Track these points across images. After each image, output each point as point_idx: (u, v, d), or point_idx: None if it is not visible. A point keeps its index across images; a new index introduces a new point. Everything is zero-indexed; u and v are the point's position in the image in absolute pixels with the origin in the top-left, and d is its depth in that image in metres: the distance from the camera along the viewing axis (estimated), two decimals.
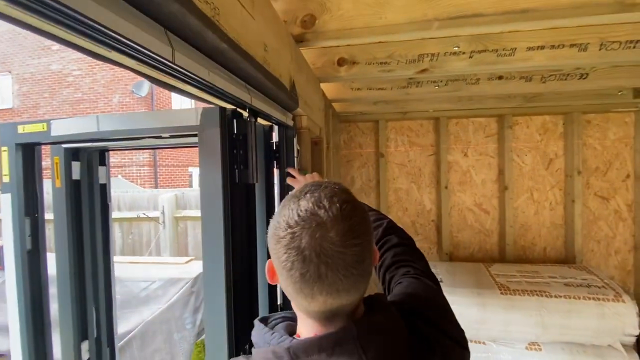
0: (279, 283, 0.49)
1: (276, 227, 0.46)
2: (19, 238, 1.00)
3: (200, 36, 0.53)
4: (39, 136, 0.98)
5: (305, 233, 0.43)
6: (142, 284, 2.02)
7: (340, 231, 0.44)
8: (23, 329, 1.03)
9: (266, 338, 0.50)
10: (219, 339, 0.84)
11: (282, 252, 0.44)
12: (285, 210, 0.46)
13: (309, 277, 0.43)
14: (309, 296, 0.44)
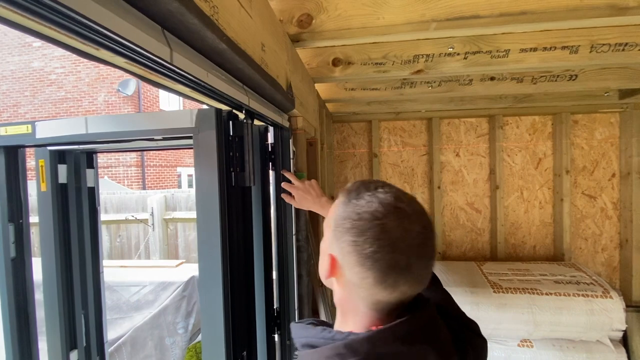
0: (336, 277, 0.51)
1: (356, 219, 0.48)
2: (2, 245, 0.95)
3: (199, 36, 0.51)
4: (23, 138, 0.93)
5: (395, 224, 0.46)
6: (132, 288, 1.96)
7: (424, 224, 0.48)
8: (8, 340, 0.98)
9: (326, 335, 0.50)
10: (217, 343, 0.82)
11: (369, 243, 0.46)
12: (362, 202, 0.48)
13: (397, 267, 0.46)
14: (392, 286, 0.46)
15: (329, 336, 0.49)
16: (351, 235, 0.48)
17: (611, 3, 0.86)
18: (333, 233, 0.52)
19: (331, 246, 0.52)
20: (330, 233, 0.53)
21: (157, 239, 3.38)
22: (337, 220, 0.51)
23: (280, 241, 1.20)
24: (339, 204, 0.53)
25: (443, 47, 1.33)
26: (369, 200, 0.49)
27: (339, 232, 0.50)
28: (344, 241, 0.49)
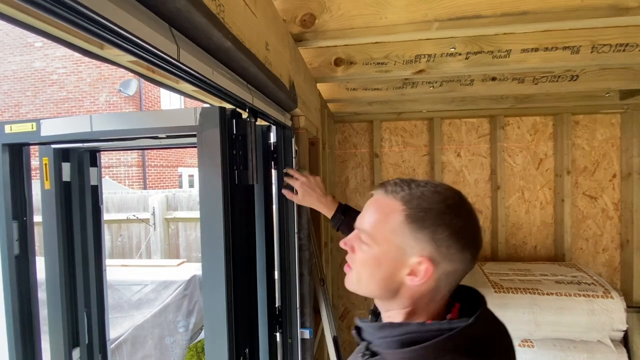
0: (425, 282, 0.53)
1: (461, 235, 0.52)
2: (6, 243, 0.96)
3: (206, 34, 0.51)
4: (28, 136, 0.94)
5: (468, 208, 0.55)
6: (134, 287, 1.97)
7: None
8: (11, 337, 0.99)
9: (431, 327, 0.50)
10: (219, 341, 0.82)
11: (465, 226, 0.53)
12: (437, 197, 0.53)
13: (480, 243, 0.56)
14: (475, 260, 0.55)
15: (434, 328, 0.49)
16: (452, 228, 0.51)
17: (612, 3, 0.86)
18: (409, 235, 0.52)
19: (405, 250, 0.52)
20: (395, 237, 0.53)
21: (159, 239, 3.39)
22: (414, 222, 0.52)
23: (282, 240, 1.20)
24: (399, 207, 0.53)
25: (445, 47, 1.34)
26: (435, 190, 0.54)
27: (427, 232, 0.51)
28: (440, 238, 0.51)
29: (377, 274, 0.55)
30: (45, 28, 0.81)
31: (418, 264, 0.52)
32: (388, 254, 0.54)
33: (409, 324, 0.52)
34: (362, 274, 0.58)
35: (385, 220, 0.54)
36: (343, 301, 2.50)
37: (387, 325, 0.54)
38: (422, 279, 0.52)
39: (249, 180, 0.88)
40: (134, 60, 1.15)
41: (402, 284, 0.54)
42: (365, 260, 0.57)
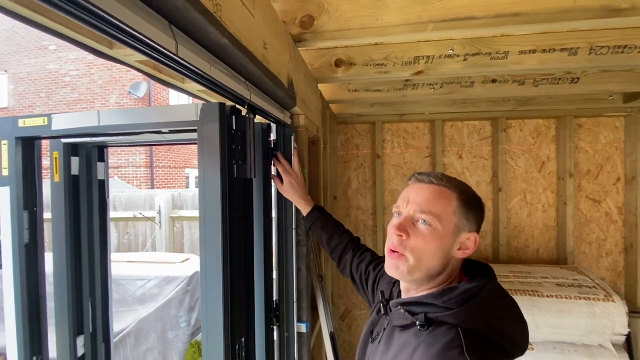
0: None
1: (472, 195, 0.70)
2: (17, 231, 1.01)
3: (203, 31, 0.55)
4: (39, 130, 0.99)
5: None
6: (138, 282, 2.01)
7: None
8: (19, 322, 1.03)
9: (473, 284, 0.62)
10: (216, 329, 0.85)
11: (482, 207, 0.70)
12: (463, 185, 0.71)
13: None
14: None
15: (476, 285, 0.62)
16: (480, 209, 0.69)
17: (604, 4, 0.88)
18: (463, 215, 0.66)
19: (464, 228, 0.66)
20: (454, 217, 0.65)
21: (164, 237, 3.45)
22: (466, 205, 0.66)
23: (280, 235, 1.23)
24: (454, 195, 0.67)
25: (443, 48, 1.36)
26: (465, 183, 0.71)
27: (473, 212, 0.67)
28: (479, 217, 0.68)
29: (440, 250, 0.65)
30: (59, 29, 0.87)
31: (467, 239, 0.65)
32: (449, 231, 0.65)
33: (459, 285, 0.63)
34: (423, 254, 0.66)
35: (448, 204, 0.66)
36: (344, 301, 2.51)
37: (446, 290, 0.62)
38: (472, 249, 0.65)
39: (247, 173, 0.92)
40: (141, 59, 1.21)
41: (450, 259, 0.66)
42: (428, 240, 0.65)
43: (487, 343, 0.58)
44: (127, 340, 1.91)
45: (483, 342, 0.58)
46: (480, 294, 0.60)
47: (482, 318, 0.59)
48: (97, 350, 1.23)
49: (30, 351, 1.04)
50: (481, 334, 0.58)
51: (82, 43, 0.98)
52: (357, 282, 1.06)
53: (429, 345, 0.58)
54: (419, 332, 0.62)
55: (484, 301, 0.60)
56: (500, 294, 0.65)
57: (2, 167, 1.00)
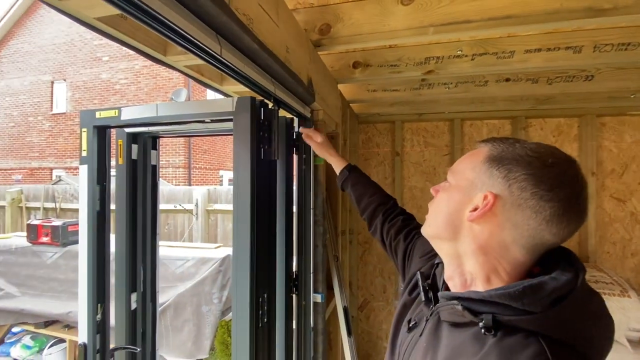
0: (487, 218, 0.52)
1: (534, 155, 0.51)
2: (92, 201, 1.27)
3: (239, 38, 0.74)
4: (111, 120, 1.25)
5: (571, 167, 0.52)
6: (178, 262, 2.28)
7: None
8: (90, 276, 1.28)
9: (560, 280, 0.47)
10: (243, 282, 1.03)
11: (553, 177, 0.49)
12: (532, 145, 0.53)
13: (577, 204, 0.50)
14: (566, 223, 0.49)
15: (564, 280, 0.47)
16: (530, 169, 0.49)
17: (588, 6, 0.98)
18: (482, 170, 0.53)
19: (480, 185, 0.53)
20: (469, 171, 0.55)
21: (200, 228, 3.77)
22: (499, 159, 0.52)
23: (300, 213, 1.41)
24: (484, 149, 0.55)
25: (452, 50, 1.49)
26: (539, 144, 0.52)
27: (502, 170, 0.51)
28: (516, 177, 0.49)
29: (447, 207, 0.57)
30: (125, 39, 1.11)
31: (483, 198, 0.51)
32: (460, 187, 0.56)
33: (544, 281, 0.47)
34: (435, 209, 0.60)
35: (470, 160, 0.57)
36: (362, 292, 2.63)
37: (527, 290, 0.47)
38: (481, 211, 0.51)
39: (272, 155, 1.11)
40: (188, 65, 1.45)
41: (463, 222, 0.54)
42: (440, 196, 0.59)
43: (570, 355, 0.45)
44: (167, 312, 2.16)
45: (569, 357, 0.45)
46: (571, 294, 0.46)
47: (570, 324, 0.46)
48: (146, 307, 1.47)
49: (97, 299, 1.29)
50: (565, 342, 0.45)
51: (142, 51, 1.22)
52: (387, 247, 1.00)
53: (504, 358, 0.45)
54: (482, 336, 0.49)
55: (575, 303, 0.46)
56: (590, 292, 0.49)
57: (82, 149, 1.27)
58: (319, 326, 1.44)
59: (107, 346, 1.31)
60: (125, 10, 0.55)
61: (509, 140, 0.55)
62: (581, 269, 0.49)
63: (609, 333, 0.49)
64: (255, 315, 1.03)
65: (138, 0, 0.53)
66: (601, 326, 0.49)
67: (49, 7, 0.89)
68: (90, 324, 1.26)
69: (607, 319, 0.49)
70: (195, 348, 2.11)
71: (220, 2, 0.65)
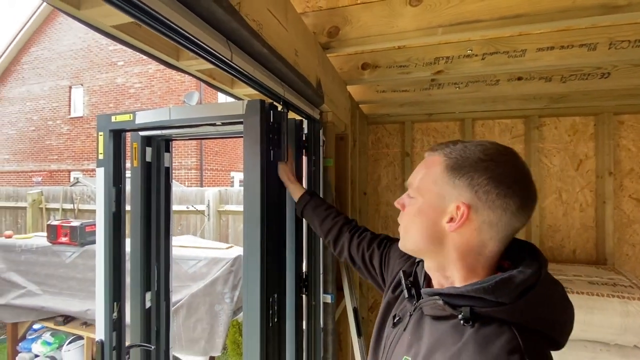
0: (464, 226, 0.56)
1: (486, 159, 0.56)
2: (108, 202, 1.31)
3: (249, 44, 0.76)
4: (126, 124, 1.28)
5: (517, 160, 0.58)
6: (190, 262, 2.32)
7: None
8: (107, 274, 1.32)
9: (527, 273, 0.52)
10: (254, 284, 1.04)
11: (508, 174, 0.55)
12: (480, 147, 0.57)
13: (531, 192, 0.57)
14: (528, 210, 0.56)
15: (529, 273, 0.52)
16: (489, 172, 0.54)
17: (602, 3, 0.96)
18: (448, 182, 0.56)
19: (445, 197, 0.56)
20: (435, 186, 0.58)
21: (212, 228, 3.82)
22: (453, 169, 0.56)
23: None
24: (440, 160, 0.59)
25: (462, 49, 1.48)
26: (475, 144, 0.57)
27: (464, 177, 0.55)
28: (478, 183, 0.54)
29: (421, 225, 0.59)
30: (142, 46, 1.14)
31: (456, 209, 0.55)
32: (430, 202, 0.58)
33: (513, 275, 0.52)
34: (409, 226, 0.62)
35: (428, 173, 0.60)
36: (373, 293, 2.62)
37: (499, 284, 0.52)
38: (459, 222, 0.55)
39: (281, 157, 1.12)
40: (200, 69, 1.48)
41: (444, 233, 0.57)
42: (411, 213, 0.61)
43: (539, 338, 0.51)
44: (180, 311, 2.21)
45: (538, 340, 0.51)
46: (537, 285, 0.52)
47: (537, 312, 0.52)
48: (160, 306, 1.51)
49: (113, 298, 1.33)
50: (530, 327, 0.51)
51: (156, 56, 1.26)
52: (358, 264, 1.01)
53: (481, 346, 0.50)
54: (461, 327, 0.53)
55: (540, 293, 0.52)
56: (553, 282, 0.56)
57: (99, 152, 1.31)
58: (329, 326, 1.44)
59: (123, 343, 1.35)
60: (140, 19, 0.57)
61: (456, 144, 0.59)
62: (544, 262, 0.56)
63: (571, 317, 0.56)
64: (266, 315, 1.05)
65: (152, 9, 0.55)
66: (564, 311, 0.55)
67: (69, 17, 0.93)
68: (107, 321, 1.30)
69: (568, 304, 0.56)
70: (208, 346, 2.15)
71: (230, 9, 0.66)
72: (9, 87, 11.43)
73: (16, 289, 2.80)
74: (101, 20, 0.95)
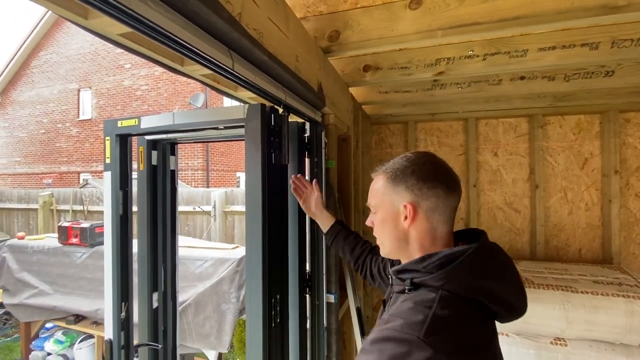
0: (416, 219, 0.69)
1: (409, 165, 0.72)
2: (115, 205, 1.34)
3: (250, 52, 0.78)
4: (132, 129, 1.32)
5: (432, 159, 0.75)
6: (197, 262, 2.36)
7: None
8: (115, 275, 1.36)
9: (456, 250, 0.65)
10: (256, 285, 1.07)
11: (428, 170, 0.70)
12: (403, 159, 0.74)
13: (450, 175, 0.73)
14: (455, 189, 0.71)
15: (459, 249, 0.64)
16: (416, 174, 0.70)
17: (603, 3, 0.96)
18: (393, 191, 0.71)
19: (395, 203, 0.71)
20: (386, 198, 0.72)
21: (218, 229, 3.87)
22: (392, 181, 0.71)
23: None
24: (381, 178, 0.74)
25: (463, 50, 1.48)
26: (402, 157, 0.74)
27: (401, 184, 0.70)
28: (411, 183, 0.69)
29: (388, 230, 0.73)
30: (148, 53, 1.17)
31: (404, 208, 0.70)
32: (386, 210, 0.73)
33: (441, 251, 0.65)
34: (382, 237, 0.76)
35: (378, 190, 0.75)
36: (377, 292, 2.63)
37: (426, 257, 0.65)
38: (411, 217, 0.69)
39: (282, 160, 1.14)
40: (204, 74, 1.50)
41: (405, 231, 0.71)
42: (378, 224, 0.75)
43: (467, 304, 0.60)
44: (188, 310, 2.25)
45: (462, 303, 0.60)
46: (461, 257, 0.62)
47: (463, 280, 0.61)
48: (167, 306, 1.54)
49: (121, 298, 1.37)
50: (463, 295, 0.60)
51: (161, 62, 1.29)
52: (377, 278, 1.10)
53: (406, 301, 0.63)
54: (407, 294, 0.66)
55: (464, 264, 0.62)
56: (485, 256, 0.65)
57: (106, 157, 1.35)
58: (332, 326, 1.46)
59: (131, 342, 1.39)
60: (145, 33, 0.60)
61: (390, 161, 0.76)
62: (481, 241, 0.67)
63: (509, 290, 0.66)
64: (268, 316, 1.07)
65: (156, 25, 0.57)
66: (502, 285, 0.65)
67: (77, 26, 0.96)
68: (115, 321, 1.34)
69: (511, 279, 0.67)
70: (217, 342, 2.19)
71: (231, 20, 0.69)
72: (20, 90, 11.65)
73: (29, 289, 2.88)
74: (108, 29, 0.98)
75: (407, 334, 0.54)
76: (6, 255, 3.01)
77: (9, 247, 3.04)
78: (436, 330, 0.54)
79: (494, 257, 0.67)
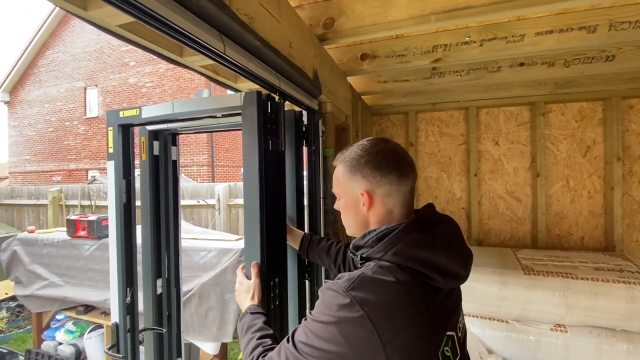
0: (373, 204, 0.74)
1: (363, 154, 0.76)
2: (118, 194, 1.38)
3: (241, 37, 0.80)
4: (133, 119, 1.35)
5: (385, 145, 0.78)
6: (201, 252, 2.41)
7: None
8: (119, 262, 1.40)
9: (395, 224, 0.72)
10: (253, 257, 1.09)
11: (381, 158, 0.74)
12: (356, 148, 0.78)
13: (404, 161, 0.76)
14: (406, 174, 0.75)
15: (397, 224, 0.71)
16: (369, 163, 0.74)
17: None
18: (351, 180, 0.76)
19: (354, 190, 0.76)
20: (346, 186, 0.78)
21: (222, 222, 3.92)
22: (349, 171, 0.76)
23: (311, 202, 1.46)
24: (341, 167, 0.79)
25: (460, 36, 1.48)
26: (358, 145, 0.78)
27: (357, 173, 0.75)
28: (365, 173, 0.74)
29: (351, 215, 0.79)
30: (146, 44, 1.19)
31: (362, 196, 0.75)
32: (348, 198, 0.79)
33: (380, 227, 0.73)
34: (347, 221, 0.82)
35: (339, 179, 0.81)
36: None
37: (366, 233, 0.75)
38: (367, 204, 0.75)
39: (279, 146, 1.16)
40: (203, 64, 1.53)
41: (365, 215, 0.77)
42: (343, 209, 0.82)
43: (405, 273, 0.64)
44: (192, 300, 2.30)
45: (396, 271, 0.64)
46: (395, 230, 0.69)
47: (399, 251, 0.66)
48: (170, 292, 1.58)
49: (126, 283, 1.41)
50: (402, 265, 0.65)
51: (160, 53, 1.31)
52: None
53: (359, 270, 0.68)
54: (360, 267, 0.72)
55: (398, 236, 0.68)
56: (422, 228, 0.70)
57: (109, 146, 1.39)
58: None
59: (136, 327, 1.44)
60: (137, 17, 0.62)
61: (348, 150, 0.79)
62: (419, 216, 0.75)
63: (455, 259, 0.70)
64: (267, 298, 1.10)
65: (147, 8, 0.59)
66: (440, 253, 0.68)
67: (77, 18, 0.99)
68: (121, 305, 1.38)
69: (449, 247, 0.70)
70: (220, 332, 2.24)
71: (221, 4, 0.70)
72: (28, 90, 11.84)
73: (40, 280, 2.96)
74: (107, 20, 1.00)
75: (338, 286, 0.63)
76: (17, 249, 3.10)
77: (20, 240, 3.13)
78: (358, 287, 0.62)
79: (432, 228, 0.71)
